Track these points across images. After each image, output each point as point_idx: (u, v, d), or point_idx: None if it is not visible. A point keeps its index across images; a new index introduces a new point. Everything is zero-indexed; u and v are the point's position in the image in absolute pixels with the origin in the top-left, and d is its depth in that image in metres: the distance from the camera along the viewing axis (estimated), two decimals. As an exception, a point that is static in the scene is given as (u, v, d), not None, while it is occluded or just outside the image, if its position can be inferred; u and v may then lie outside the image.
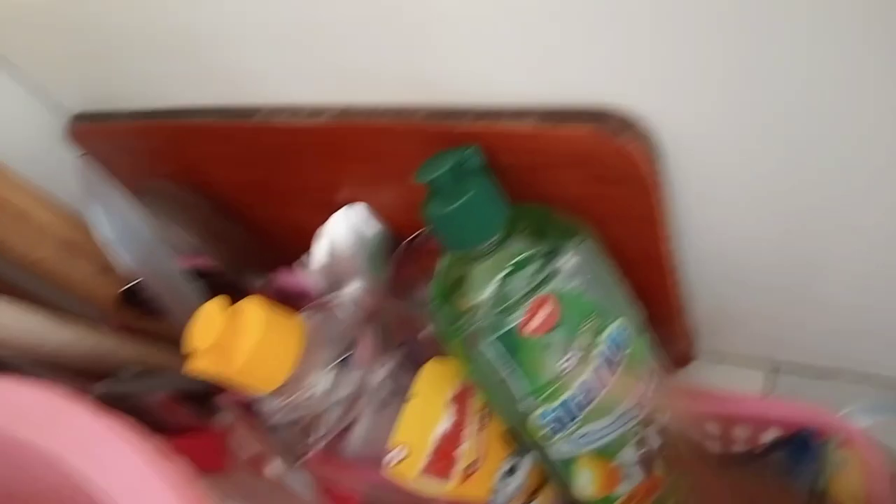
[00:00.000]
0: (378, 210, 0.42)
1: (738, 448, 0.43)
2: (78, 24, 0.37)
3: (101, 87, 0.43)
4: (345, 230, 0.41)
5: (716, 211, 0.36)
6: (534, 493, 0.40)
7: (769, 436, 0.40)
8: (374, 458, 0.32)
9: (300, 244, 0.43)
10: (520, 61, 0.29)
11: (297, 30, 0.32)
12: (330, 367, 0.31)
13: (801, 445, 0.37)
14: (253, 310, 0.29)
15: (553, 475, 0.38)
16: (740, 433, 0.42)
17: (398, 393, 0.33)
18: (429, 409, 0.34)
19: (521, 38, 0.28)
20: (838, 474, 0.36)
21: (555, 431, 0.35)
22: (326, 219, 0.41)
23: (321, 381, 0.32)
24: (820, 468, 0.36)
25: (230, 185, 0.44)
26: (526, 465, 0.39)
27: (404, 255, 0.39)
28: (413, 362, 0.34)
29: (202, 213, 0.44)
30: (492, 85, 0.31)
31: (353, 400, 0.32)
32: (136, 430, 0.24)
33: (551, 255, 0.33)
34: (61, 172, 0.45)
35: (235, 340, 0.28)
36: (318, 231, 0.41)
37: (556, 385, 0.34)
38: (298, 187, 0.41)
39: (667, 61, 0.27)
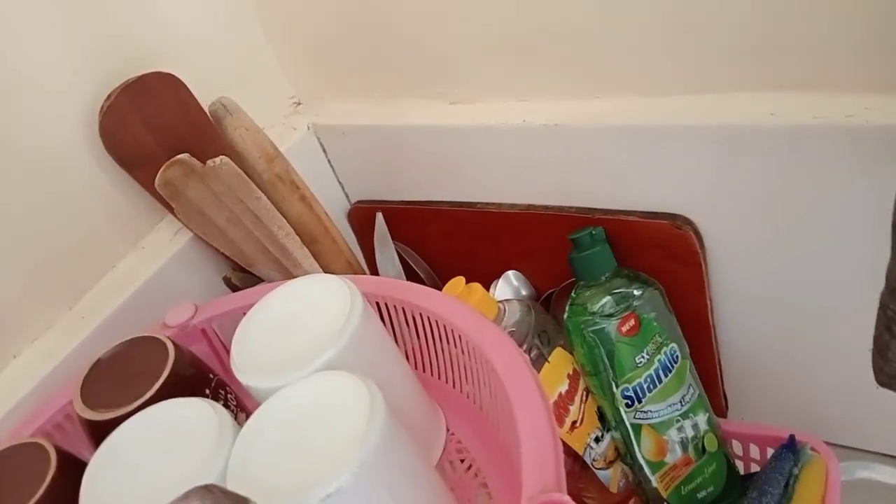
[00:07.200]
0: (530, 274, 0.68)
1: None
2: (384, 151, 0.68)
3: (374, 186, 0.73)
4: (508, 284, 0.68)
5: (740, 306, 0.60)
6: (610, 463, 0.62)
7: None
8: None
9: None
10: (631, 186, 0.57)
11: (510, 165, 0.61)
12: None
13: (791, 444, 0.58)
14: (478, 287, 0.56)
15: (626, 441, 0.60)
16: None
17: (540, 359, 0.57)
18: (556, 373, 0.58)
19: (632, 176, 0.56)
20: (808, 463, 0.57)
21: (629, 405, 0.58)
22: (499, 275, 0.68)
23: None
24: (798, 458, 0.57)
25: (442, 251, 0.72)
26: (608, 439, 0.61)
27: (557, 293, 0.65)
28: (551, 347, 0.59)
29: (421, 267, 0.72)
30: (614, 196, 0.59)
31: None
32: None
33: (637, 292, 0.58)
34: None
35: (469, 294, 0.55)
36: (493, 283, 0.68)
37: (633, 372, 0.58)
38: (485, 255, 0.69)
39: (712, 193, 0.54)
